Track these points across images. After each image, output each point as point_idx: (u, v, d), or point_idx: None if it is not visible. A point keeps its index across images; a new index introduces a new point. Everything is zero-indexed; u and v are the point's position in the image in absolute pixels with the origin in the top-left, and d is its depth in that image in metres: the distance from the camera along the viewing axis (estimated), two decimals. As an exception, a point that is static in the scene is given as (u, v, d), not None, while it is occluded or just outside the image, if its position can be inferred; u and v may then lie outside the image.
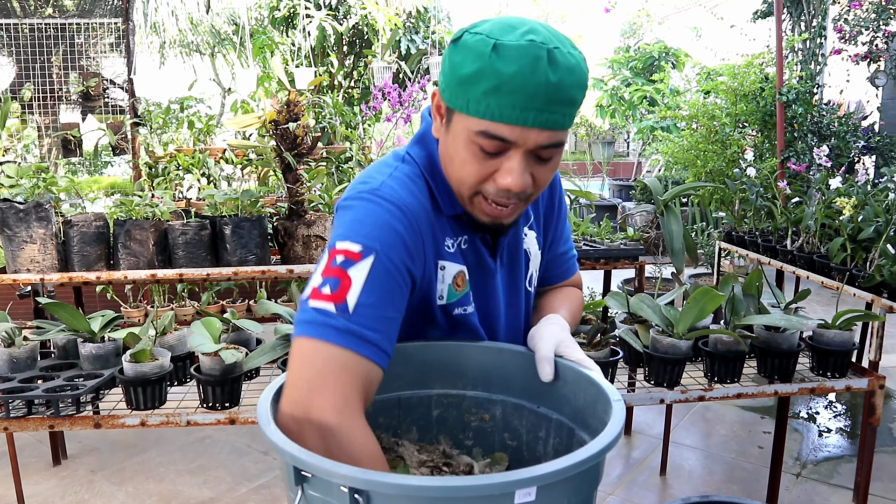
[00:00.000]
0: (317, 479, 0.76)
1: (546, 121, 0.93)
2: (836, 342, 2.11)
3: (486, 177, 1.00)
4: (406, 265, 0.99)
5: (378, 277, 0.94)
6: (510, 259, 1.21)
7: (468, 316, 1.15)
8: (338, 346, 0.90)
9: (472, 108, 0.94)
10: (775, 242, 3.43)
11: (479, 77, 0.92)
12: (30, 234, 2.73)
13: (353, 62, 8.18)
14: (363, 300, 0.92)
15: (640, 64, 9.77)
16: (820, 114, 5.71)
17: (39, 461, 3.20)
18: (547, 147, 0.97)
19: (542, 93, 0.91)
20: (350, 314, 0.91)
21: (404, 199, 1.02)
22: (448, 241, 1.10)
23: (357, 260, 0.94)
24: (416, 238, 1.02)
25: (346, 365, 0.90)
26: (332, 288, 0.93)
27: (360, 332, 0.91)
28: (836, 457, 3.28)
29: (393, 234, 0.98)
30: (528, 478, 0.72)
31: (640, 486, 3.02)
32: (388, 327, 0.95)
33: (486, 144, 0.96)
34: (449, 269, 1.10)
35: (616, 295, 2.25)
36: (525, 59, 0.90)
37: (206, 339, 1.84)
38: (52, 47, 5.42)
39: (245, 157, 4.63)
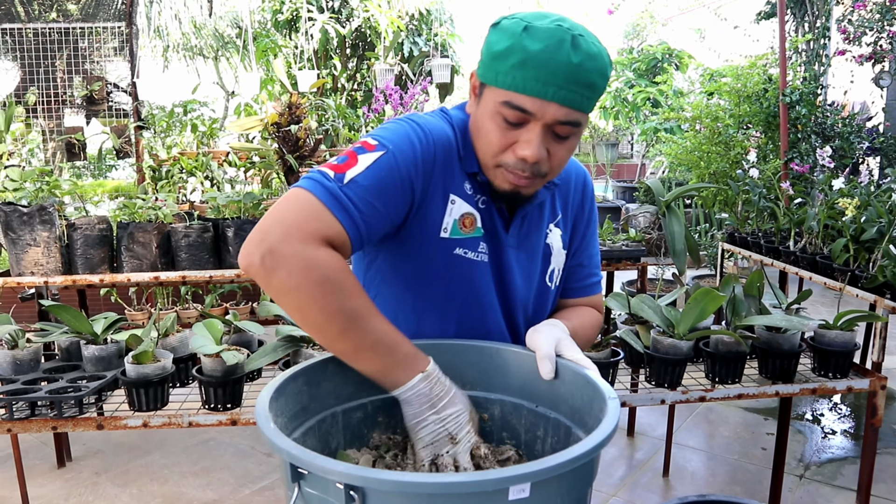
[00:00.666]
0: (313, 476, 0.77)
1: (564, 97, 1.02)
2: (837, 343, 2.11)
3: (506, 146, 1.08)
4: (410, 174, 1.08)
5: (380, 169, 1.05)
6: (527, 242, 1.24)
7: (471, 262, 1.18)
8: (318, 199, 1.00)
9: (500, 81, 1.04)
10: (778, 243, 3.43)
11: (509, 53, 1.02)
12: (34, 237, 2.74)
13: (356, 65, 8.20)
14: (359, 179, 1.03)
15: (643, 66, 9.77)
16: (824, 115, 5.70)
17: (44, 463, 3.21)
18: (564, 123, 1.05)
19: (563, 71, 1.00)
20: (342, 184, 1.02)
21: (431, 126, 1.14)
22: (467, 185, 1.17)
23: (369, 150, 1.06)
24: (429, 157, 1.11)
25: (318, 215, 0.99)
26: (340, 161, 1.05)
27: (342, 199, 1.01)
28: (840, 458, 3.27)
29: (408, 143, 1.09)
30: (521, 474, 0.73)
31: (642, 488, 3.01)
32: (371, 212, 1.04)
33: (508, 114, 1.05)
34: (459, 205, 1.16)
35: (617, 296, 2.25)
36: (551, 40, 1.00)
37: (208, 340, 1.84)
38: (56, 51, 5.45)
39: (248, 159, 4.65)
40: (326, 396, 1.06)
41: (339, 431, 1.08)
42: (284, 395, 0.98)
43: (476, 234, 1.17)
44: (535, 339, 1.12)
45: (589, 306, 1.39)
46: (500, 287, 1.22)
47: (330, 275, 0.97)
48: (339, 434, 1.08)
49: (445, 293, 1.18)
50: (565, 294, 1.36)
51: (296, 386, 1.02)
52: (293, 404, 1.00)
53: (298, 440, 0.99)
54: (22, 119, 5.39)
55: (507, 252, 1.21)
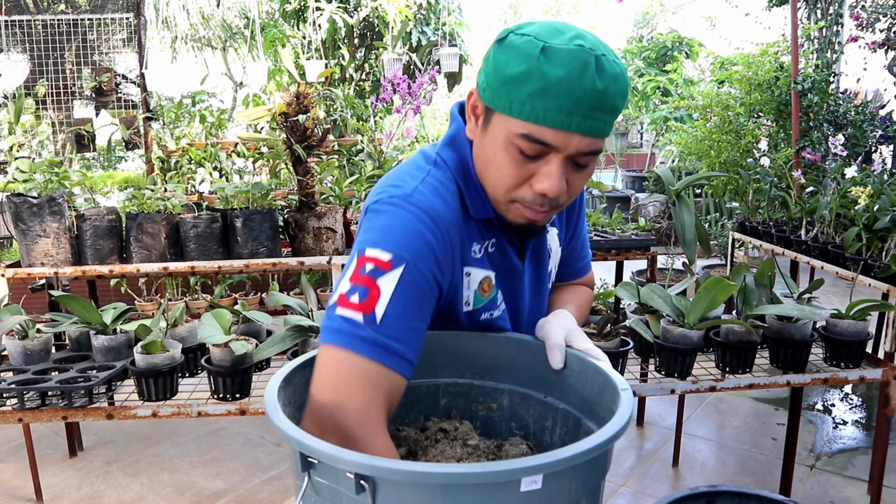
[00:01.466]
0: (323, 465, 0.76)
1: (589, 127, 0.92)
2: (849, 332, 2.09)
3: (522, 181, 0.98)
4: (434, 275, 0.98)
5: (406, 288, 0.93)
6: (536, 259, 1.21)
7: (494, 320, 1.14)
8: (363, 357, 0.89)
9: (515, 110, 0.93)
10: (789, 233, 3.40)
11: (526, 78, 0.90)
12: (43, 228, 2.75)
13: (364, 54, 8.18)
14: (391, 311, 0.91)
15: (653, 54, 9.69)
16: (836, 103, 5.64)
17: (56, 453, 3.24)
18: (586, 154, 0.96)
19: (589, 99, 0.90)
20: (377, 325, 0.90)
21: (436, 208, 1.00)
22: (475, 245, 1.08)
23: (387, 270, 0.93)
24: (446, 248, 1.00)
25: (371, 376, 0.89)
26: (361, 297, 0.92)
27: (386, 344, 0.90)
28: (851, 448, 3.25)
29: (423, 243, 0.96)
30: (534, 465, 0.72)
31: (652, 478, 3.01)
32: (413, 338, 0.94)
33: (526, 147, 0.94)
34: (474, 276, 1.09)
35: (627, 285, 2.24)
36: (574, 64, 0.89)
37: (217, 330, 1.84)
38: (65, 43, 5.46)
39: (257, 150, 4.65)
40: (334, 386, 1.06)
41: (346, 421, 1.08)
42: (293, 384, 0.97)
43: (494, 293, 1.12)
44: (544, 329, 1.11)
45: (582, 284, 1.38)
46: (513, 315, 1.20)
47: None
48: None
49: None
50: (560, 278, 1.35)
51: (304, 375, 1.01)
52: (301, 394, 1.00)
53: (305, 430, 0.99)
54: (32, 111, 5.41)
55: (523, 280, 1.18)
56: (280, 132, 3.05)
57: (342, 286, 0.94)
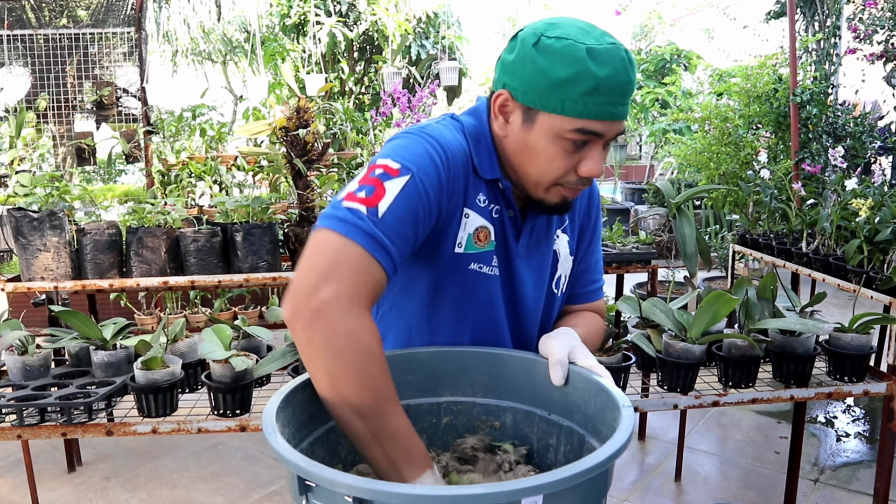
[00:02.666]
0: (321, 488, 0.76)
1: (623, 113, 1.05)
2: (853, 346, 2.08)
3: (570, 168, 1.08)
4: (436, 195, 1.05)
5: (408, 195, 1.01)
6: (536, 251, 1.23)
7: (486, 276, 1.16)
8: (360, 246, 0.95)
9: (567, 108, 1.02)
10: (790, 245, 3.39)
11: (577, 80, 1.00)
12: (44, 242, 2.75)
13: (363, 68, 8.21)
14: (391, 211, 0.98)
15: (651, 66, 9.73)
16: (835, 114, 5.65)
17: (54, 468, 3.22)
18: (618, 135, 1.08)
19: (625, 89, 1.03)
20: (378, 219, 0.97)
21: (447, 139, 1.09)
22: (481, 195, 1.15)
23: (394, 175, 1.01)
24: (451, 175, 1.08)
25: (365, 265, 0.95)
26: (368, 193, 0.99)
27: (381, 239, 0.96)
28: (855, 462, 3.23)
29: (430, 163, 1.05)
30: (534, 486, 0.71)
31: (654, 493, 2.99)
32: (403, 244, 1.01)
33: (578, 139, 1.05)
34: (473, 219, 1.14)
35: (628, 299, 2.23)
36: (615, 62, 1.01)
37: (217, 346, 1.83)
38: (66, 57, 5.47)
39: (256, 163, 4.65)
40: (335, 405, 1.05)
41: (347, 441, 1.07)
42: (292, 405, 0.96)
43: (489, 247, 1.16)
44: (548, 346, 1.11)
45: (593, 311, 1.38)
46: (510, 299, 1.21)
47: (373, 349, 0.93)
48: (347, 444, 1.07)
49: (460, 308, 1.16)
50: (570, 300, 1.35)
51: (304, 395, 1.00)
52: (301, 414, 0.99)
53: (306, 450, 0.98)
54: (33, 124, 5.42)
55: (518, 263, 1.19)
56: (280, 146, 3.05)
57: (351, 186, 1.02)
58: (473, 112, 1.20)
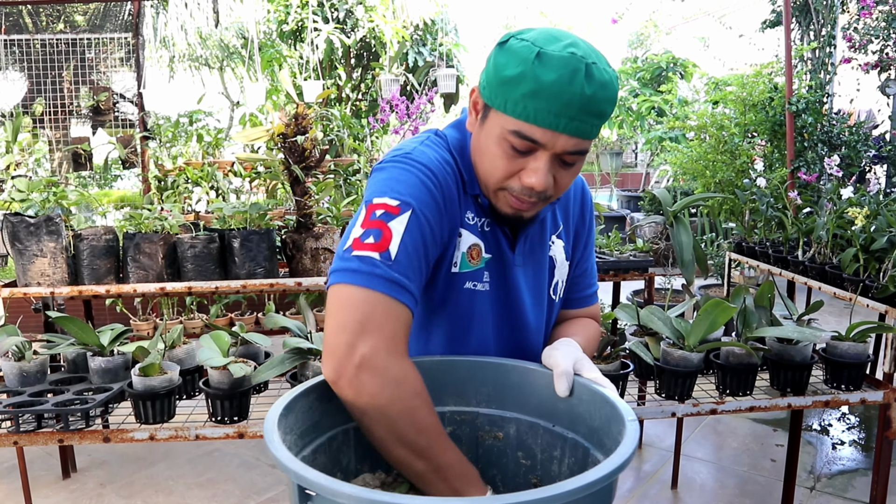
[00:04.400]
0: (321, 498, 0.76)
1: (576, 128, 1.00)
2: (850, 354, 2.09)
3: (512, 173, 1.06)
4: (438, 223, 1.06)
5: (413, 231, 1.01)
6: (532, 258, 1.23)
7: (477, 293, 1.16)
8: (384, 294, 0.96)
9: (509, 108, 1.01)
10: (786, 253, 3.41)
11: (521, 80, 0.98)
12: (40, 247, 2.74)
13: (360, 75, 8.22)
14: (402, 251, 0.99)
15: (647, 74, 9.77)
16: (830, 123, 5.68)
17: (49, 474, 3.20)
18: (572, 153, 1.04)
19: (577, 103, 0.97)
20: (392, 262, 0.97)
21: (434, 162, 1.09)
22: (469, 213, 1.15)
23: (396, 213, 1.01)
24: (447, 199, 1.09)
25: (392, 311, 0.96)
26: (376, 238, 0.99)
27: (401, 281, 0.97)
28: (851, 470, 3.24)
29: (426, 192, 1.05)
30: (535, 499, 0.71)
31: (651, 500, 2.99)
32: (419, 278, 1.02)
33: (517, 143, 1.02)
34: (465, 238, 1.14)
35: (626, 307, 2.23)
36: (564, 70, 0.96)
37: (215, 352, 1.83)
38: (63, 62, 5.47)
39: (253, 169, 4.64)
40: (338, 413, 1.03)
41: (350, 449, 1.07)
42: (294, 411, 0.96)
43: (481, 264, 1.16)
44: (553, 357, 1.10)
45: (588, 317, 1.38)
46: (507, 310, 1.21)
47: (419, 390, 0.96)
48: (350, 452, 1.07)
49: (457, 328, 1.17)
50: (566, 305, 1.36)
51: (307, 402, 1.00)
52: (304, 421, 0.99)
53: (308, 458, 0.98)
54: (29, 129, 5.40)
55: (516, 272, 1.20)
56: (278, 152, 3.05)
57: (354, 232, 1.02)
58: (458, 125, 1.20)
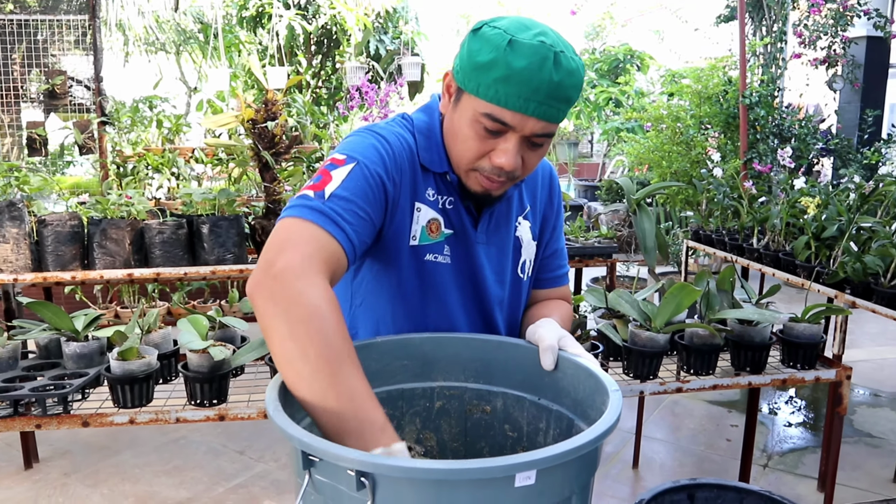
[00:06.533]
0: (324, 463, 0.79)
1: (544, 112, 1.06)
2: (805, 335, 2.20)
3: (483, 153, 1.13)
4: (382, 177, 1.11)
5: (355, 178, 1.08)
6: (496, 236, 1.28)
7: (440, 265, 1.22)
8: (308, 221, 1.01)
9: (481, 92, 1.07)
10: (742, 241, 3.54)
11: (493, 66, 1.04)
12: (2, 233, 2.69)
13: (321, 62, 8.15)
14: (338, 192, 1.05)
15: (605, 66, 9.92)
16: (781, 116, 5.88)
17: (10, 465, 3.14)
18: (540, 136, 1.10)
19: (545, 88, 1.04)
20: (324, 199, 1.04)
21: (391, 135, 1.17)
22: (430, 190, 1.21)
23: (340, 164, 1.09)
24: (397, 165, 1.15)
25: (314, 235, 1.01)
26: (314, 181, 1.08)
27: (329, 214, 1.02)
28: (801, 448, 3.40)
29: (375, 152, 1.13)
30: (527, 461, 0.75)
31: (613, 479, 3.09)
32: (357, 221, 1.06)
33: (488, 125, 1.08)
34: (424, 212, 1.20)
35: (594, 290, 2.31)
36: (534, 57, 1.02)
37: (194, 336, 1.84)
38: (13, 44, 5.30)
39: (215, 156, 4.60)
40: (334, 388, 1.08)
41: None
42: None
43: (441, 238, 1.21)
44: (537, 333, 1.16)
45: (560, 298, 1.44)
46: (472, 285, 1.26)
47: (321, 306, 0.92)
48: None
49: (420, 300, 1.22)
50: (538, 285, 1.41)
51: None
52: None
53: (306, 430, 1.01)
54: (-22, 113, 5.23)
55: (477, 249, 1.25)
56: (247, 138, 3.04)
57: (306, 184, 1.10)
58: (426, 109, 1.26)
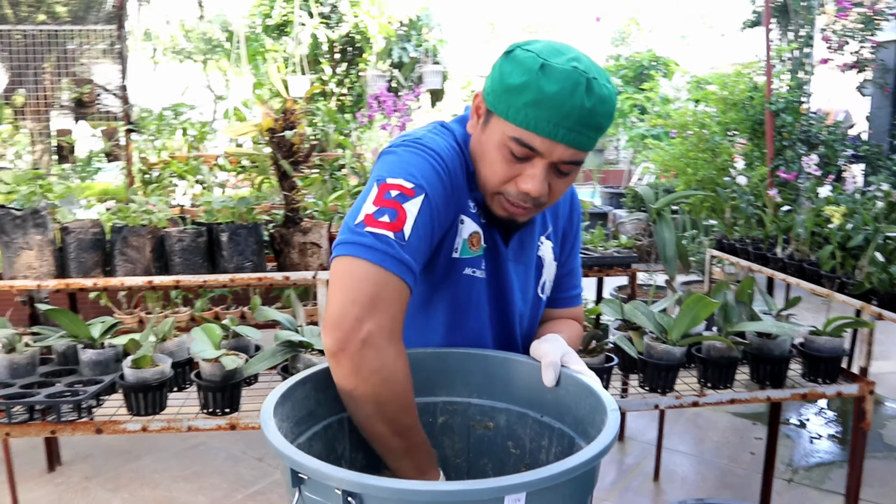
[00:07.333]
0: (313, 481, 0.78)
1: (573, 140, 1.04)
2: (827, 348, 2.15)
3: (509, 178, 1.11)
4: (444, 210, 1.10)
5: (425, 215, 1.05)
6: (522, 255, 1.27)
7: (476, 280, 1.20)
8: (395, 275, 0.99)
9: (511, 116, 1.05)
10: (766, 250, 3.48)
11: (524, 89, 1.02)
12: (26, 240, 2.73)
13: (345, 70, 8.21)
14: (414, 233, 1.03)
15: (630, 72, 9.84)
16: (808, 123, 5.77)
17: (34, 468, 3.19)
18: (568, 163, 1.08)
19: (576, 115, 1.02)
20: (405, 244, 1.01)
21: (443, 150, 1.13)
22: (471, 203, 1.19)
23: (411, 196, 1.04)
24: (454, 187, 1.13)
25: (401, 293, 1.00)
26: (391, 217, 1.02)
27: (410, 263, 1.01)
28: (827, 462, 3.32)
29: (437, 179, 1.09)
30: (517, 483, 0.74)
31: (633, 492, 3.04)
32: (422, 262, 1.07)
33: (516, 150, 1.07)
34: (467, 225, 1.18)
35: (610, 302, 2.28)
36: (567, 83, 1.01)
37: (207, 345, 1.85)
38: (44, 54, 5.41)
39: (239, 164, 4.64)
40: (333, 402, 1.07)
41: (344, 437, 1.10)
42: (291, 399, 0.99)
43: (480, 252, 1.20)
44: (541, 349, 1.14)
45: (572, 318, 1.42)
46: (499, 301, 1.24)
47: (408, 373, 1.01)
48: (344, 440, 1.10)
49: (452, 312, 1.21)
50: (551, 304, 1.39)
51: (303, 391, 1.03)
52: (300, 409, 1.02)
53: (304, 445, 1.01)
54: (10, 121, 5.35)
55: (508, 266, 1.23)
56: (266, 146, 3.06)
57: (366, 208, 1.04)
58: (462, 120, 1.24)
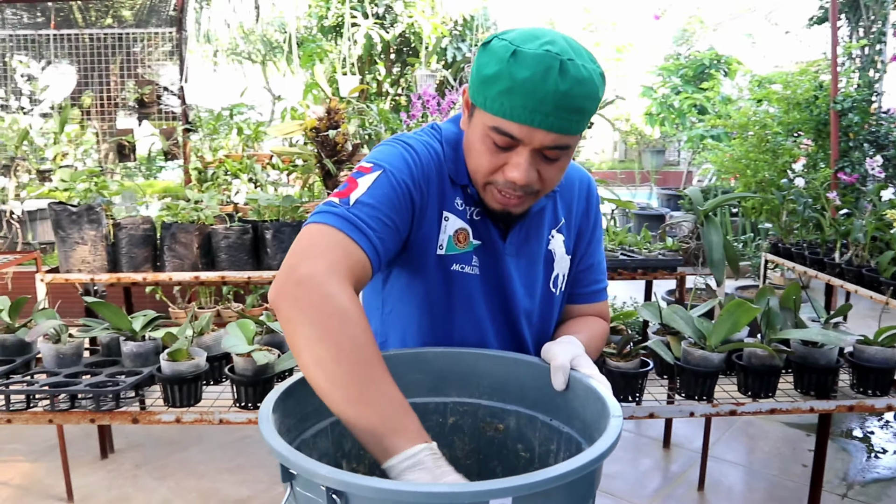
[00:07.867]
0: (301, 477, 0.79)
1: (552, 124, 1.02)
2: (877, 359, 2.04)
3: (496, 168, 1.10)
4: (408, 185, 1.11)
5: (381, 186, 1.08)
6: (526, 249, 1.25)
7: (467, 276, 1.20)
8: (332, 227, 1.01)
9: (488, 105, 1.05)
10: (823, 255, 3.34)
11: (497, 78, 1.02)
12: (81, 235, 2.84)
13: (400, 70, 8.27)
14: (363, 199, 1.05)
15: (690, 72, 9.62)
16: (878, 123, 5.52)
17: (88, 454, 3.32)
18: (552, 148, 1.06)
19: (551, 99, 1.00)
20: (349, 206, 1.04)
21: (419, 144, 1.17)
22: (458, 199, 1.19)
23: (366, 172, 1.10)
24: (424, 174, 1.15)
25: (339, 242, 1.01)
26: (340, 189, 1.08)
27: (354, 221, 1.02)
28: (887, 479, 3.16)
29: (402, 160, 1.13)
30: (502, 488, 0.72)
31: (677, 501, 2.96)
32: (382, 228, 1.06)
33: (497, 139, 1.06)
34: (452, 222, 1.18)
35: (649, 306, 2.22)
36: (538, 67, 0.99)
37: (240, 340, 1.89)
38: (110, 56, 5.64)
39: (291, 162, 4.72)
40: (341, 399, 1.07)
41: (352, 435, 1.09)
42: (294, 396, 0.99)
43: (469, 248, 1.19)
44: (551, 351, 1.12)
45: (595, 315, 1.38)
46: (499, 297, 1.23)
47: (350, 311, 0.92)
48: (351, 437, 1.09)
49: (447, 309, 1.20)
50: (572, 300, 1.37)
51: (308, 388, 1.03)
52: (305, 406, 1.02)
53: (308, 441, 1.01)
54: (77, 121, 5.59)
55: (506, 261, 1.22)
56: (311, 146, 3.11)
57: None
58: (455, 120, 1.25)
